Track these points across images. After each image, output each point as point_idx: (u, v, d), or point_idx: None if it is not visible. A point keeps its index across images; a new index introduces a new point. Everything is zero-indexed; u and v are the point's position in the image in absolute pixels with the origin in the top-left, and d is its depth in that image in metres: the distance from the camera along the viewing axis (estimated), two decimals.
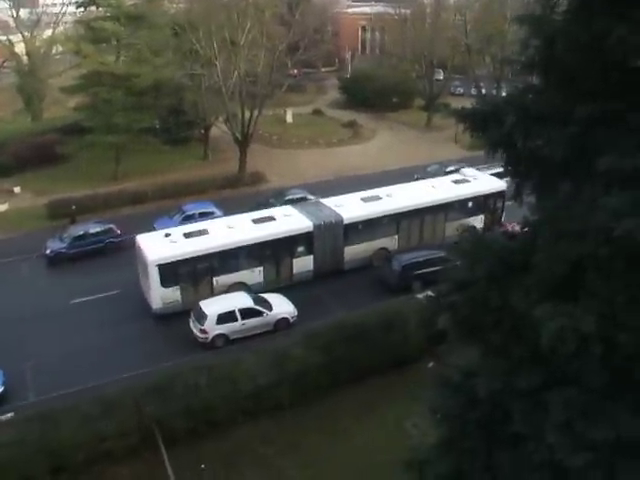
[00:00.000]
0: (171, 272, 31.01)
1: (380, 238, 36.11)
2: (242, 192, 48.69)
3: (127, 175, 50.36)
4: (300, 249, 34.34)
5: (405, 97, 77.08)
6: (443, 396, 12.15)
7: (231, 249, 32.34)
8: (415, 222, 37.20)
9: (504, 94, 15.63)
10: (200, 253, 31.62)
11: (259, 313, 29.68)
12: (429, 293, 27.79)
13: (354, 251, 35.56)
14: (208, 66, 49.81)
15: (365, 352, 25.40)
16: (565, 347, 8.86)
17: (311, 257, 34.61)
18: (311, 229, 34.30)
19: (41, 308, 31.78)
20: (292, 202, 40.63)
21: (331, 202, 37.04)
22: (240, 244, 32.57)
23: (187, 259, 31.35)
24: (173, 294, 31.28)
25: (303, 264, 34.52)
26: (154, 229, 38.88)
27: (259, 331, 29.51)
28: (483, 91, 66.89)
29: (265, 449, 22.56)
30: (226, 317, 29.01)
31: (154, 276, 30.72)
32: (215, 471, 21.64)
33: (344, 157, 58.80)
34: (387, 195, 37.84)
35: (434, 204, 37.35)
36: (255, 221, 34.47)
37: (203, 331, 28.83)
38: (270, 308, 30.16)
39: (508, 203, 36.57)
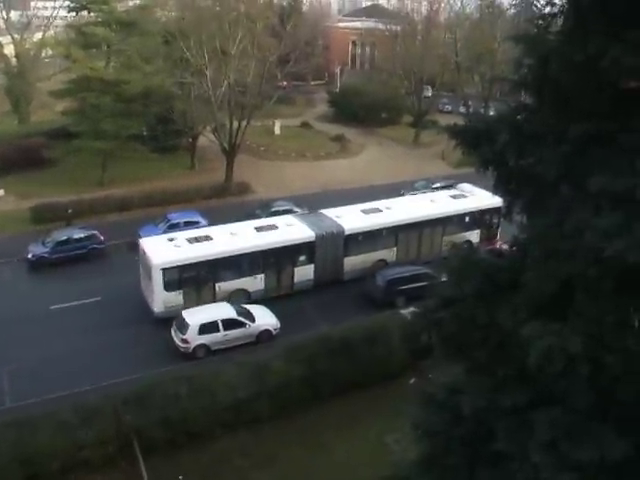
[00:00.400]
0: (175, 276, 31.35)
1: (379, 250, 36.60)
2: (228, 202, 48.59)
3: (113, 182, 50.07)
4: (302, 258, 34.66)
5: (394, 113, 77.48)
6: (427, 412, 12.06)
7: (234, 256, 32.69)
8: (413, 235, 37.64)
9: (492, 113, 15.61)
10: (204, 258, 31.89)
11: (242, 324, 29.51)
12: (414, 309, 27.89)
13: (353, 262, 35.91)
14: (198, 75, 49.76)
15: (348, 366, 25.31)
16: (552, 366, 8.82)
17: (312, 266, 34.92)
18: (313, 239, 34.72)
19: (21, 313, 31.40)
20: (278, 214, 40.99)
21: (331, 213, 37.47)
22: (243, 251, 32.94)
23: (191, 264, 31.67)
24: (175, 298, 31.39)
25: (304, 273, 34.82)
26: (139, 236, 38.74)
27: (241, 342, 29.34)
28: (471, 109, 67.32)
29: (242, 461, 22.34)
30: (208, 327, 28.82)
31: (158, 280, 30.91)
32: None
33: (331, 171, 58.87)
34: (387, 208, 38.39)
35: (432, 218, 37.87)
36: (258, 229, 34.88)
37: (185, 341, 28.61)
38: (253, 319, 30.01)
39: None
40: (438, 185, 50.09)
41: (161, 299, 31.23)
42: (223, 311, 29.94)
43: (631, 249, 8.20)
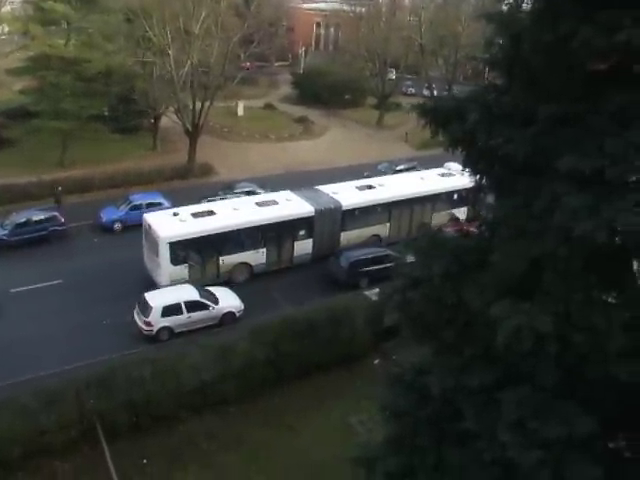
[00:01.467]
0: (181, 250, 31.81)
1: (373, 225, 37.60)
2: (191, 183, 48.10)
3: (74, 162, 49.04)
4: (301, 233, 35.41)
5: (357, 95, 77.44)
6: (394, 393, 12.11)
7: (238, 230, 33.31)
8: (406, 211, 38.63)
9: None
10: (209, 233, 32.36)
11: (205, 306, 29.28)
12: (378, 290, 28.00)
13: (349, 237, 36.70)
14: (161, 55, 48.99)
15: (312, 348, 25.27)
16: (521, 345, 8.89)
17: (311, 241, 35.70)
18: (313, 214, 35.42)
19: None
20: (241, 195, 40.96)
21: (327, 189, 38.21)
22: (246, 225, 33.49)
23: (197, 238, 32.11)
24: (181, 272, 31.87)
25: (303, 247, 35.58)
26: (100, 218, 38.29)
27: (204, 325, 29.13)
28: (435, 92, 67.49)
29: (209, 444, 22.22)
30: (171, 310, 28.53)
31: (164, 253, 31.30)
32: (157, 466, 21.18)
33: (294, 152, 58.64)
34: (379, 185, 39.48)
35: (423, 195, 38.99)
36: (259, 204, 35.50)
37: (148, 323, 28.30)
38: (216, 302, 29.80)
39: None
40: (401, 167, 50.32)
41: (168, 273, 31.61)
42: (186, 293, 29.65)
43: (599, 229, 8.27)
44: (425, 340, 12.03)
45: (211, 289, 30.87)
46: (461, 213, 39.49)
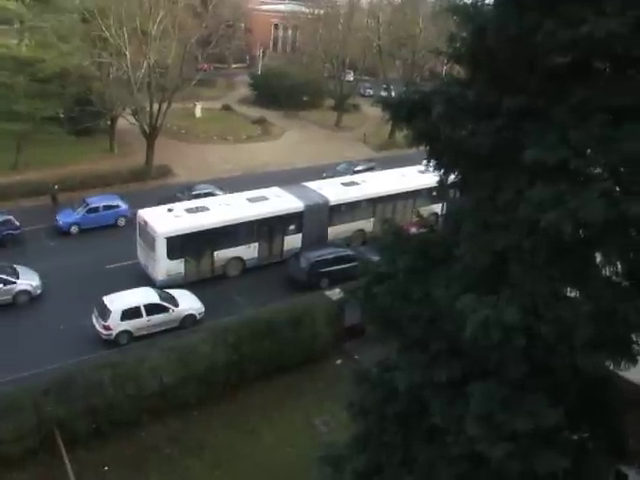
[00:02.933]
0: (177, 245, 32.51)
1: (359, 220, 38.64)
2: (149, 186, 47.45)
3: (29, 165, 47.99)
4: (291, 227, 36.41)
5: (315, 96, 77.38)
6: (361, 391, 12.03)
7: (231, 225, 34.13)
8: (389, 206, 39.25)
9: None
10: (204, 228, 33.14)
11: (165, 309, 28.89)
12: (338, 290, 27.96)
13: (336, 231, 37.53)
14: (117, 55, 48.13)
15: (274, 349, 25.12)
16: (488, 339, 8.88)
17: (300, 235, 36.64)
18: (302, 209, 36.37)
19: None
20: (199, 197, 40.68)
21: (314, 185, 39.29)
22: (239, 220, 34.43)
23: (192, 233, 32.83)
24: (177, 266, 32.76)
25: (293, 241, 36.46)
26: (56, 221, 37.57)
27: (165, 328, 28.72)
28: (392, 94, 67.77)
29: (171, 449, 21.87)
30: (131, 313, 28.05)
31: (161, 249, 32.04)
32: (119, 473, 20.72)
33: (253, 153, 58.34)
34: (363, 181, 40.50)
35: (405, 190, 39.82)
36: (250, 200, 36.29)
37: (107, 327, 27.77)
38: (176, 304, 29.42)
39: None
40: (360, 168, 50.40)
41: (164, 267, 32.38)
42: (146, 296, 29.20)
43: (565, 219, 8.31)
44: (390, 336, 11.96)
45: (171, 291, 30.48)
46: (439, 209, 40.10)
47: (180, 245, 32.57)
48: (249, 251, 35.03)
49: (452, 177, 10.90)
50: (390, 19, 70.50)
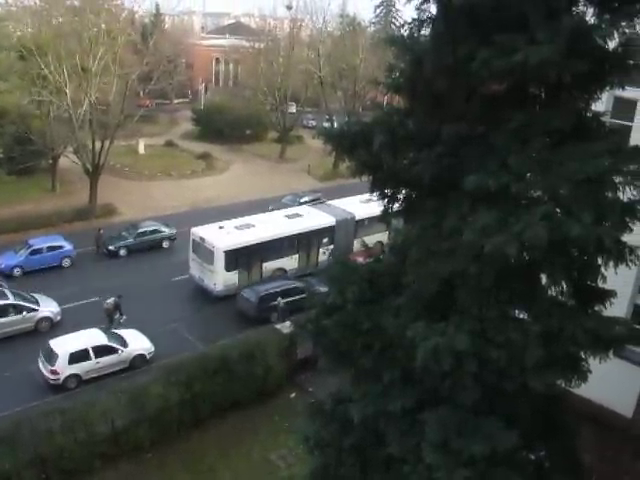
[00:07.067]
0: (233, 258, 35.82)
1: (377, 233, 40.12)
2: (93, 224, 46.48)
3: None
4: (325, 240, 40.57)
5: (259, 129, 77.55)
6: (316, 424, 11.90)
7: (277, 239, 37.90)
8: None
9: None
10: (254, 242, 36.63)
11: (114, 350, 28.24)
12: (289, 323, 27.82)
13: (360, 243, 38.51)
14: (57, 93, 47.48)
15: (227, 385, 24.74)
16: (440, 366, 8.89)
17: (331, 247, 40.59)
18: (334, 223, 40.73)
19: None
20: (145, 235, 41.22)
21: (337, 203, 43.69)
22: (283, 235, 38.23)
23: (245, 247, 36.31)
24: (232, 277, 35.98)
25: (325, 253, 40.34)
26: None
27: (115, 369, 28.08)
28: (335, 124, 68.46)
29: None
30: (79, 356, 27.31)
31: (220, 262, 35.25)
32: None
33: (198, 189, 58.03)
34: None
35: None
36: (288, 217, 40.50)
37: (54, 372, 26.98)
38: (125, 344, 28.79)
39: None
40: (306, 199, 50.68)
41: (223, 278, 35.53)
42: (93, 338, 28.50)
43: (509, 244, 8.42)
44: (342, 368, 11.90)
45: (119, 332, 29.85)
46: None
47: (235, 258, 35.85)
48: (291, 262, 38.81)
49: (396, 205, 10.97)
50: (330, 51, 71.36)
